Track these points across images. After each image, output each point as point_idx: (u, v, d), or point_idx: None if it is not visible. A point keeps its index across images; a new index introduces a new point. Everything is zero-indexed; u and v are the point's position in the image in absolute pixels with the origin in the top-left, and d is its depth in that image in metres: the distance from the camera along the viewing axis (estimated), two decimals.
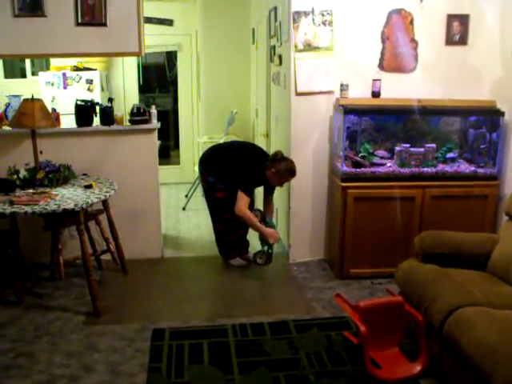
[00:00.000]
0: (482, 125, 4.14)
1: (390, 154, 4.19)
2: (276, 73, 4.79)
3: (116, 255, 4.19)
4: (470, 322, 2.43)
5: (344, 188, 3.94)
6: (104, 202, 3.93)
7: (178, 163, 7.76)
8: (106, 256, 4.23)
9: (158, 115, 4.46)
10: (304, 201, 4.40)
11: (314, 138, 4.28)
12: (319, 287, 4.00)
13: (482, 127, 4.14)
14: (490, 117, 4.06)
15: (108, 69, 7.05)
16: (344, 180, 3.95)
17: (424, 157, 4.04)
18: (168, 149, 8.28)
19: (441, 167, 4.06)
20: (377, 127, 4.23)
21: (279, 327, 3.34)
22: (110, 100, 4.45)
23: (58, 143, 4.22)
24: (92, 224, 4.08)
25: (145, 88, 7.75)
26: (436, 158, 4.11)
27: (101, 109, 4.31)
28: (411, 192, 3.95)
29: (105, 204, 3.97)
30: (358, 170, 3.99)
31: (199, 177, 4.52)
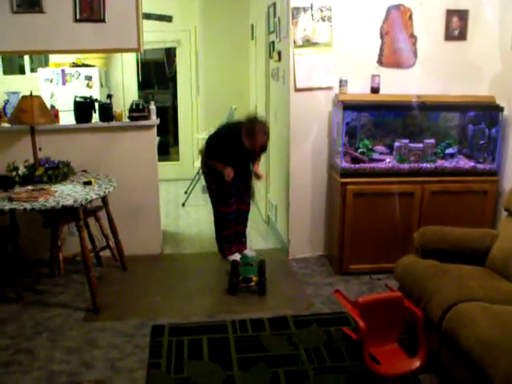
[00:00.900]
0: (481, 120, 4.14)
1: (389, 150, 4.18)
2: (275, 69, 4.78)
3: (115, 252, 4.19)
4: (469, 318, 2.44)
5: (343, 184, 3.94)
6: (103, 199, 3.93)
7: (178, 159, 7.77)
8: (106, 252, 4.23)
9: (157, 111, 4.46)
10: (303, 197, 4.40)
11: (313, 134, 4.27)
12: (318, 283, 4.01)
13: (481, 123, 4.13)
14: (489, 112, 4.06)
15: (107, 65, 7.05)
16: (343, 176, 3.95)
17: (423, 152, 4.04)
18: (167, 145, 8.28)
19: (440, 163, 4.06)
20: (376, 123, 4.23)
21: (278, 323, 3.34)
22: (109, 96, 4.44)
23: (57, 140, 4.21)
24: (91, 220, 4.08)
25: (144, 84, 7.74)
26: (435, 154, 4.11)
27: (100, 105, 4.31)
28: (410, 188, 3.96)
29: (104, 200, 3.97)
30: (357, 166, 3.99)
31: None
